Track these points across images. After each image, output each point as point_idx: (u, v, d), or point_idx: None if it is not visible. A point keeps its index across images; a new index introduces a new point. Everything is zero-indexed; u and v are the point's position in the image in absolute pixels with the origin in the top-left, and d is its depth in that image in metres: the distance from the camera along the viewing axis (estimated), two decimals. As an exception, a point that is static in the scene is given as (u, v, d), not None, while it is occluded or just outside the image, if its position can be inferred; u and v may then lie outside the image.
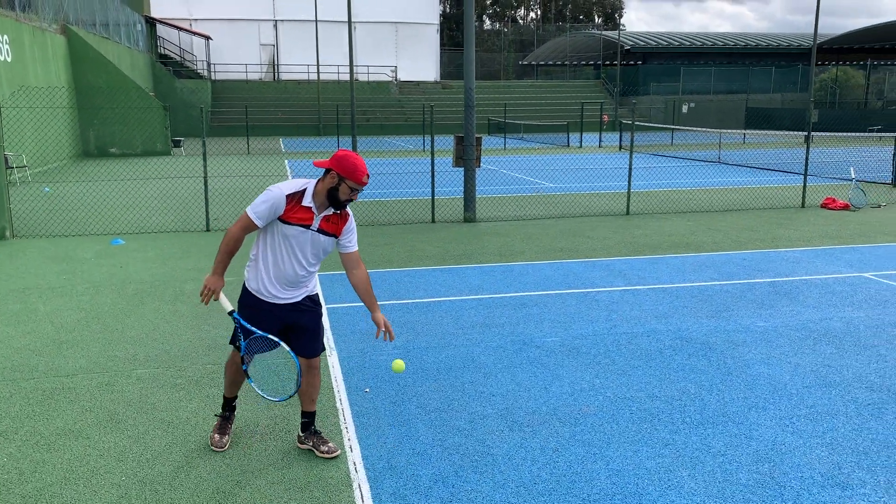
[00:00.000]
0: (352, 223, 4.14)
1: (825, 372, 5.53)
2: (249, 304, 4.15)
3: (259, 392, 4.21)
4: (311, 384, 4.32)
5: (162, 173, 20.76)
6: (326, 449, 4.26)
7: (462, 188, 12.80)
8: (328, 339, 6.30)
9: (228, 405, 4.48)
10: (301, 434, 4.39)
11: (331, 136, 39.80)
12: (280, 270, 4.06)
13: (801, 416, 4.76)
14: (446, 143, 15.36)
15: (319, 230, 4.00)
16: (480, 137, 12.58)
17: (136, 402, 5.00)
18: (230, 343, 4.37)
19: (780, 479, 3.97)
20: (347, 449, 4.35)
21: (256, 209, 3.93)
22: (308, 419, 4.37)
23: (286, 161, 26.39)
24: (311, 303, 4.24)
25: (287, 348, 4.09)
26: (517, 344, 6.17)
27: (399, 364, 4.11)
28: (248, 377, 4.18)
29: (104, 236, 11.12)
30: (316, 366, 4.32)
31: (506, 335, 6.40)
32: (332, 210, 4.00)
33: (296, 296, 4.15)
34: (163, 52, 47.95)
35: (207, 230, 11.65)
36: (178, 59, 48.88)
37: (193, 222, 12.35)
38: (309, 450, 4.32)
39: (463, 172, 12.66)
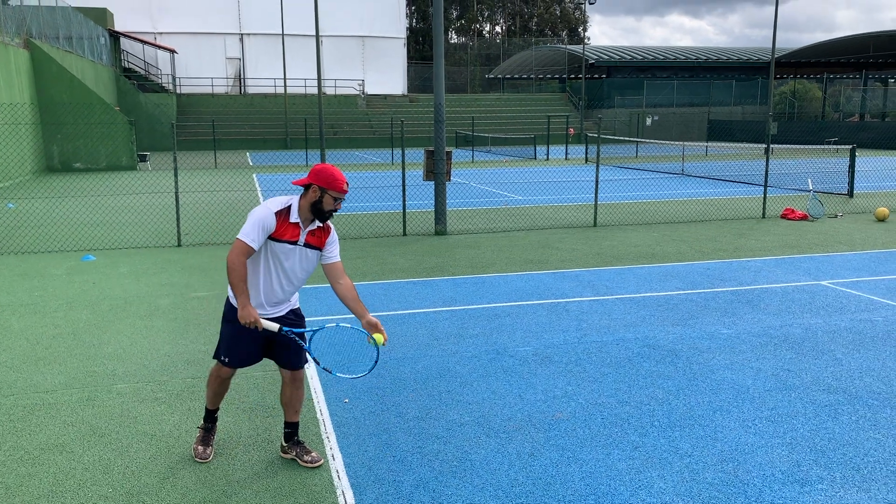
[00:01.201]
0: (334, 235, 4.29)
1: (785, 376, 5.79)
2: (233, 319, 4.24)
3: (344, 375, 4.33)
4: (295, 396, 4.44)
5: (129, 188, 20.63)
6: (310, 458, 4.37)
7: (432, 201, 12.98)
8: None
9: (210, 417, 4.58)
10: (284, 444, 4.50)
11: (298, 150, 39.74)
12: (269, 287, 4.18)
13: (763, 418, 4.99)
14: (414, 156, 15.54)
15: (306, 244, 4.14)
16: (451, 151, 12.78)
17: (118, 417, 5.06)
18: (214, 357, 4.46)
19: (744, 478, 4.18)
20: (330, 457, 4.47)
21: (249, 234, 4.00)
22: (291, 429, 4.48)
23: (254, 175, 26.35)
24: (295, 316, 4.37)
25: (348, 325, 4.25)
26: (491, 354, 6.34)
27: (379, 338, 4.14)
28: (332, 372, 4.24)
29: (74, 252, 11.07)
30: (300, 377, 4.44)
31: (480, 345, 6.57)
32: (317, 224, 4.15)
33: (280, 310, 4.27)
34: (127, 65, 47.55)
35: (179, 245, 11.65)
36: (142, 72, 48.51)
37: (164, 238, 12.34)
38: (292, 459, 4.43)
39: (433, 186, 12.84)
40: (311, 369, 5.97)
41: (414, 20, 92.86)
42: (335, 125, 46.15)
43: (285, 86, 44.68)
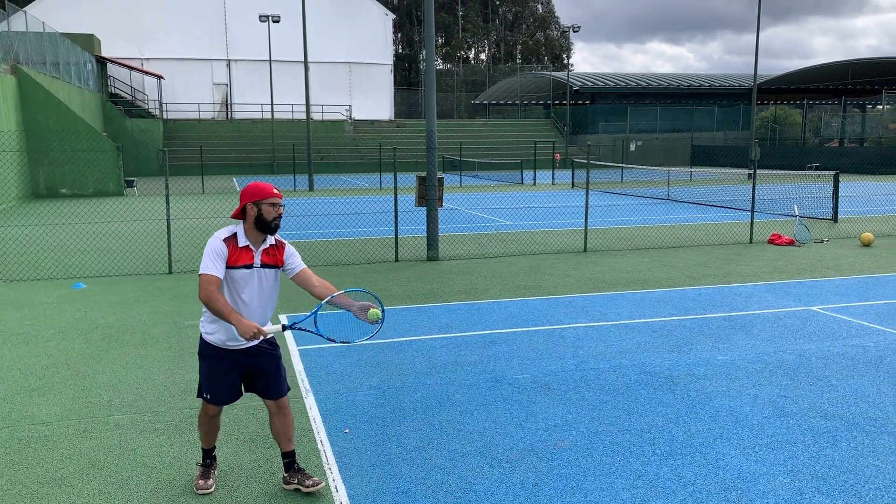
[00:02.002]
0: (290, 248, 4.34)
1: (782, 402, 5.83)
2: (208, 354, 4.29)
3: (360, 340, 4.25)
4: (284, 424, 4.44)
5: (117, 215, 20.53)
6: (311, 483, 4.35)
7: (423, 227, 13.01)
8: (303, 381, 6.38)
9: (208, 455, 4.56)
10: (285, 475, 4.47)
11: (286, 175, 39.76)
12: (242, 314, 4.16)
13: (763, 445, 5.02)
14: (403, 181, 15.59)
15: (263, 265, 4.19)
16: (443, 178, 12.85)
17: (117, 449, 5.01)
18: (198, 396, 4.44)
19: (748, 506, 4.20)
20: (333, 489, 4.44)
21: (209, 266, 4.08)
22: (289, 459, 4.46)
23: (242, 201, 26.29)
24: (269, 345, 4.38)
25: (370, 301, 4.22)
26: (490, 381, 6.34)
27: (375, 313, 4.13)
28: (351, 340, 4.24)
29: (64, 280, 10.99)
30: (284, 405, 4.43)
31: (478, 373, 6.57)
32: (269, 242, 4.21)
33: (254, 340, 4.20)
34: (113, 91, 47.55)
35: (170, 272, 11.60)
36: (129, 98, 48.50)
37: (155, 265, 12.28)
38: (296, 489, 4.40)
39: (425, 212, 12.89)
40: (308, 399, 5.95)
41: (400, 47, 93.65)
42: (322, 150, 46.27)
43: (272, 111, 44.82)
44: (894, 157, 37.07)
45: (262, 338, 4.12)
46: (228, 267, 4.11)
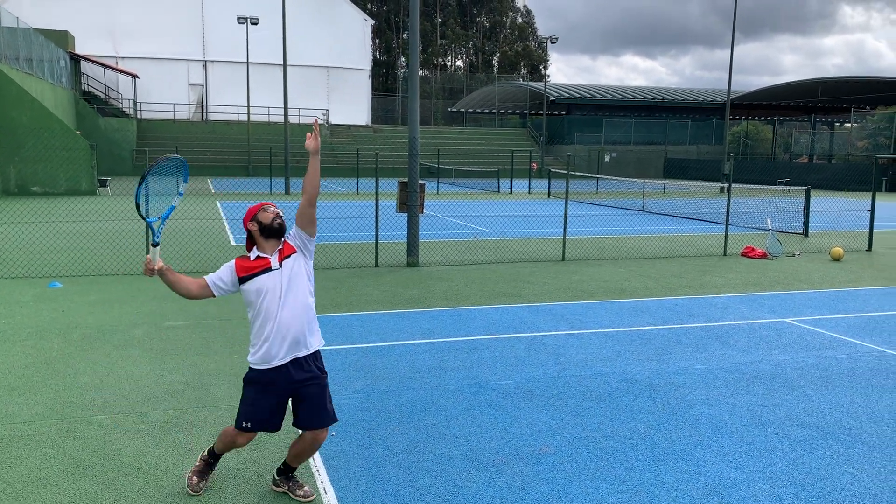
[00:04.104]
0: (289, 233, 4.32)
1: (760, 411, 5.96)
2: (253, 380, 4.23)
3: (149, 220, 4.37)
4: (310, 451, 4.35)
5: (91, 214, 20.26)
6: (303, 493, 4.36)
7: (403, 232, 13.05)
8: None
9: (214, 455, 4.48)
10: (277, 477, 4.47)
11: (262, 178, 39.53)
12: (277, 323, 4.12)
13: (743, 453, 5.14)
14: (381, 186, 15.61)
15: (282, 260, 4.20)
16: (424, 184, 12.91)
17: (101, 449, 4.97)
18: (237, 427, 4.29)
19: (730, 511, 4.30)
20: (322, 492, 4.46)
21: (214, 275, 4.25)
22: (289, 470, 4.46)
23: (218, 202, 26.12)
24: (316, 367, 4.26)
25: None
26: (474, 387, 6.40)
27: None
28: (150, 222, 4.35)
29: (39, 279, 10.84)
30: (322, 440, 4.33)
31: (461, 378, 6.62)
32: (279, 245, 4.26)
33: (299, 351, 4.17)
34: (87, 89, 46.93)
35: (148, 273, 11.47)
36: (102, 96, 47.90)
37: (132, 265, 12.16)
38: (284, 493, 4.41)
39: (405, 218, 12.93)
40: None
41: (378, 53, 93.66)
42: (299, 153, 46.08)
43: (248, 113, 44.55)
44: (862, 174, 37.92)
45: (156, 272, 4.26)
46: (245, 278, 4.16)
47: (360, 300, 9.91)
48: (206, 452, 4.52)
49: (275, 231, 4.21)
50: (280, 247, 4.24)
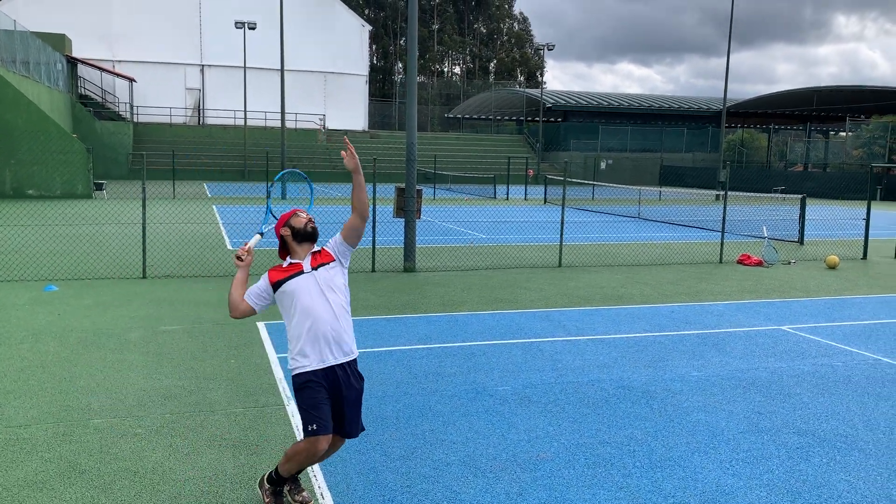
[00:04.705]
0: (330, 242, 4.33)
1: (756, 418, 5.97)
2: (304, 384, 4.09)
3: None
4: (321, 457, 4.30)
5: (87, 217, 20.22)
6: (301, 498, 4.34)
7: (399, 238, 13.05)
8: (284, 388, 6.37)
9: (280, 480, 4.25)
10: (285, 490, 4.35)
11: (258, 182, 39.51)
12: (317, 321, 4.07)
13: (740, 460, 5.14)
14: (378, 191, 15.61)
15: (317, 266, 4.18)
16: (421, 190, 12.93)
17: (98, 453, 4.96)
18: (306, 435, 4.07)
19: (728, 518, 4.30)
20: (319, 496, 4.45)
21: (250, 290, 4.25)
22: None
23: (214, 206, 26.09)
24: (356, 373, 4.28)
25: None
26: (471, 393, 6.40)
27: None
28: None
29: (35, 282, 10.81)
30: (338, 447, 4.36)
31: (458, 384, 6.62)
32: (314, 249, 4.26)
33: (340, 355, 4.14)
34: (83, 92, 46.88)
35: (144, 277, 11.47)
36: (99, 100, 47.86)
37: (128, 269, 12.14)
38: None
39: (402, 223, 12.94)
40: (291, 407, 5.94)
41: (375, 58, 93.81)
42: (295, 158, 46.07)
43: (245, 118, 44.53)
44: (857, 182, 38.09)
45: (246, 257, 4.27)
46: (278, 283, 4.14)
47: (356, 305, 9.89)
48: (266, 482, 4.28)
49: (308, 235, 4.21)
50: (315, 251, 4.24)
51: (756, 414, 6.07)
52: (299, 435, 5.38)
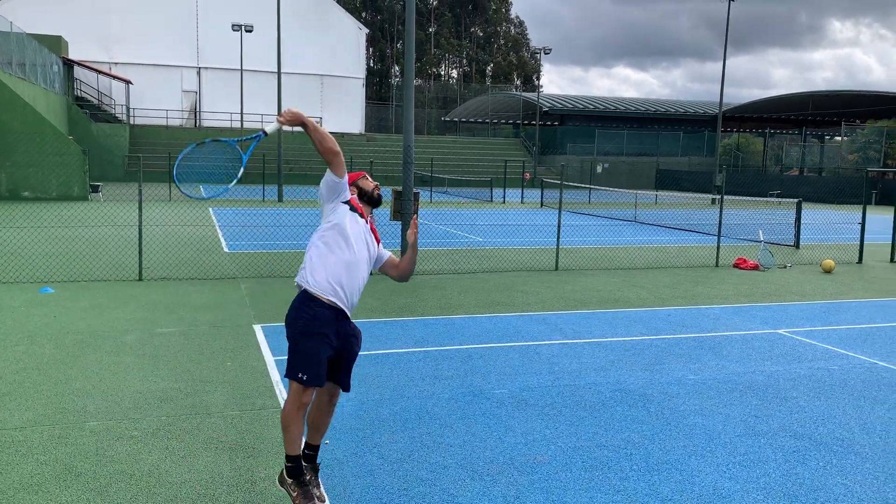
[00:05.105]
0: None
1: (753, 422, 5.98)
2: (308, 304, 4.08)
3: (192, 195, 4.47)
4: (328, 418, 4.43)
5: (83, 219, 20.18)
6: (318, 494, 4.33)
7: (396, 240, 13.04)
8: (281, 391, 6.36)
9: (298, 467, 4.18)
10: (305, 476, 4.27)
11: (255, 185, 39.45)
12: (349, 260, 4.14)
13: (737, 463, 5.15)
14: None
15: (370, 229, 4.37)
16: (418, 193, 12.93)
17: (94, 455, 4.94)
18: (288, 376, 4.05)
19: (725, 521, 4.30)
20: (316, 499, 4.43)
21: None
22: (312, 451, 4.39)
23: (210, 209, 26.06)
24: (356, 332, 4.42)
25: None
26: (468, 396, 6.39)
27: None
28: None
29: (30, 284, 10.78)
30: (336, 401, 4.46)
31: (455, 387, 6.62)
32: (371, 213, 4.44)
33: (350, 306, 4.24)
34: (79, 94, 46.80)
35: (140, 280, 11.45)
36: (95, 102, 47.79)
37: (124, 271, 12.11)
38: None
39: (399, 226, 12.93)
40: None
41: (372, 61, 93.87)
42: (291, 161, 46.07)
43: (242, 120, 44.50)
44: (852, 187, 38.20)
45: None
46: (350, 204, 4.27)
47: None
48: (287, 477, 4.21)
49: (373, 200, 4.44)
50: (371, 217, 4.41)
51: (753, 417, 6.07)
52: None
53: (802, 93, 55.14)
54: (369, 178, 4.52)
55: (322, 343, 4.08)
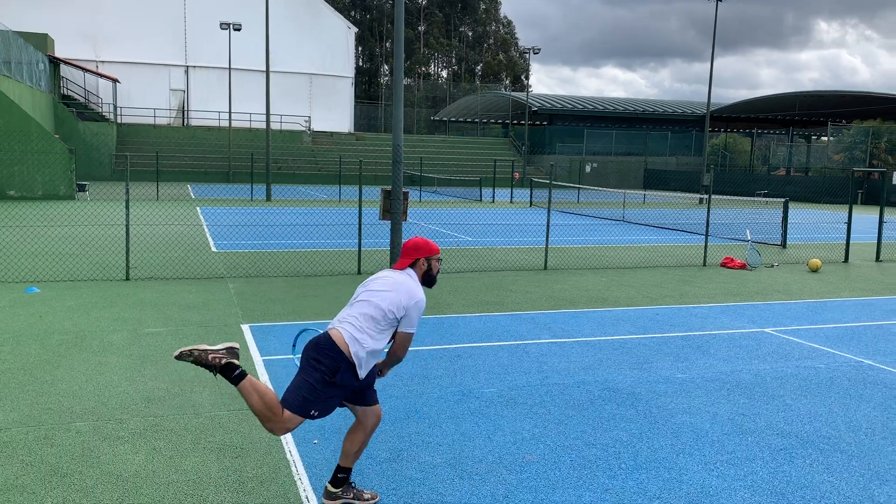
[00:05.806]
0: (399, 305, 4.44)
1: (740, 420, 6.01)
2: (343, 383, 4.27)
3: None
4: (366, 437, 4.42)
5: (70, 219, 20.03)
6: (370, 496, 4.38)
7: (385, 240, 13.02)
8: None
9: (346, 478, 4.38)
10: (333, 490, 4.33)
11: (243, 184, 39.29)
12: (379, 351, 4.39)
13: (724, 462, 5.17)
14: (364, 194, 15.62)
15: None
16: (407, 192, 12.91)
17: (79, 456, 4.90)
18: (294, 411, 4.19)
19: (712, 519, 4.32)
20: (304, 499, 4.43)
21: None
22: (345, 474, 4.38)
23: (198, 208, 25.93)
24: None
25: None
26: (457, 395, 6.39)
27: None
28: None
29: (16, 284, 10.69)
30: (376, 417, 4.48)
31: (445, 386, 6.61)
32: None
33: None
34: (66, 92, 46.47)
35: (127, 279, 11.37)
36: (82, 100, 47.45)
37: (111, 271, 12.03)
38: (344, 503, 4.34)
39: (388, 225, 12.92)
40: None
41: (361, 60, 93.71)
42: (280, 160, 45.93)
43: (230, 119, 44.29)
44: (838, 186, 38.48)
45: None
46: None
47: (341, 308, 9.85)
48: (332, 487, 4.35)
49: (433, 283, 4.50)
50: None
51: (740, 416, 6.10)
52: (285, 438, 5.34)
53: (789, 93, 55.49)
54: (438, 253, 4.50)
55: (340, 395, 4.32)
